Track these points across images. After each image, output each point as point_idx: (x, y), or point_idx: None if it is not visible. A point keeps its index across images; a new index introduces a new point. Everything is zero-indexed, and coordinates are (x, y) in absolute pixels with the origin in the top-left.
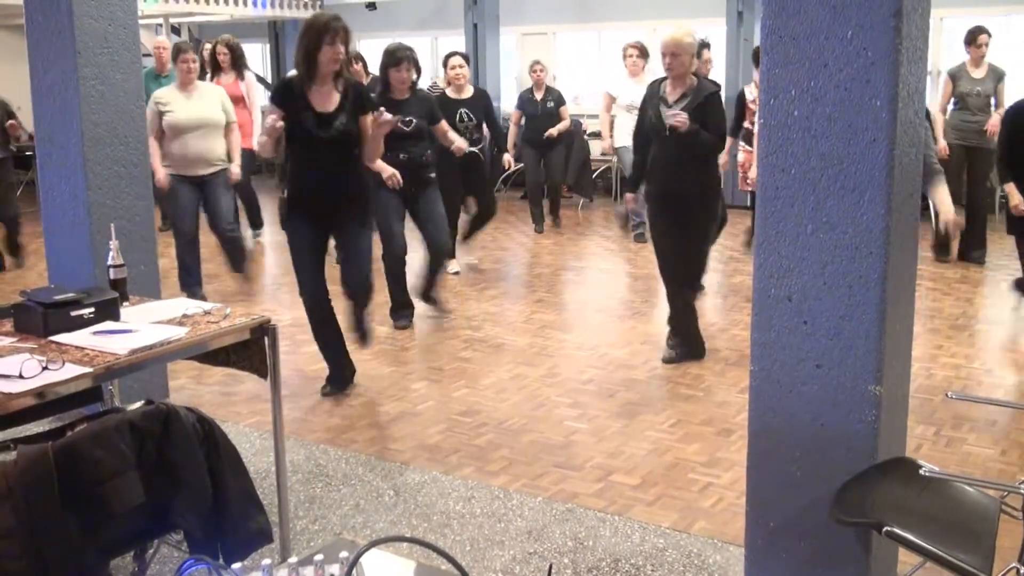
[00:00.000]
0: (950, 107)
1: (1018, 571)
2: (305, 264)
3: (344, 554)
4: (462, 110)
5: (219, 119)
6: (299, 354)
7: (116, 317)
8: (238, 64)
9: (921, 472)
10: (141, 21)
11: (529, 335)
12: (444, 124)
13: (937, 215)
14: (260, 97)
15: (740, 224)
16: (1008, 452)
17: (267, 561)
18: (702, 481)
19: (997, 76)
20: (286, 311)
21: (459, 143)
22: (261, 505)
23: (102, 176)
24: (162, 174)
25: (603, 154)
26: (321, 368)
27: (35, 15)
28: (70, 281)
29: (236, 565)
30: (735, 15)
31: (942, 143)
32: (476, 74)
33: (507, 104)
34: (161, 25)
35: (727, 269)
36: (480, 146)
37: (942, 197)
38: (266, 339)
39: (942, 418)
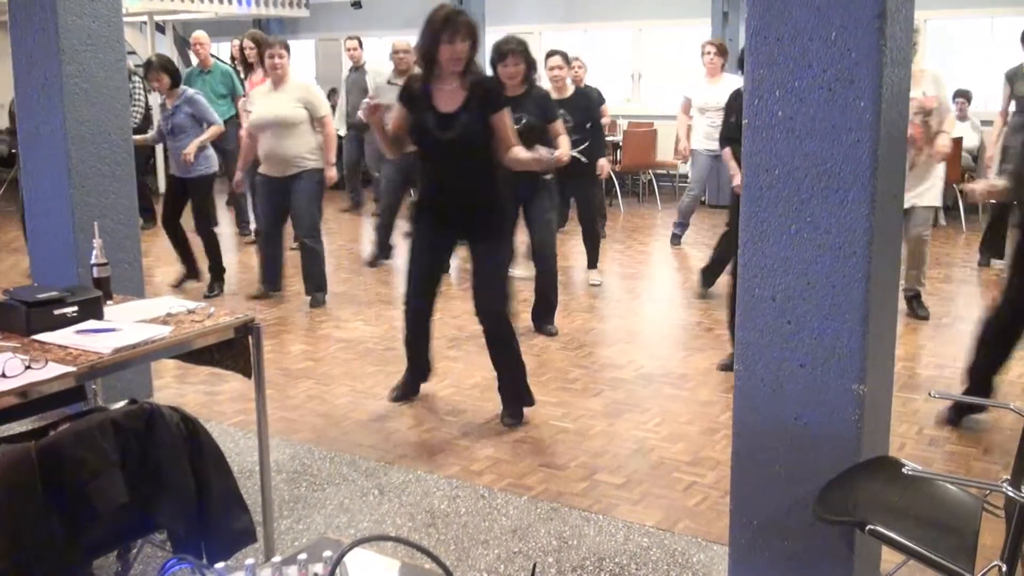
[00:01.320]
0: (1011, 109)
1: (1000, 569)
2: (412, 272)
3: (328, 553)
4: (560, 111)
5: (291, 117)
6: (284, 353)
7: (100, 316)
8: None
9: (904, 471)
10: (125, 19)
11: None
12: (559, 124)
13: None
14: None
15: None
16: (990, 451)
17: (251, 561)
18: (686, 480)
19: None
20: (271, 310)
21: (565, 148)
22: (245, 505)
23: (85, 174)
24: (238, 176)
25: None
26: (307, 367)
27: (18, 12)
28: (53, 279)
29: (219, 564)
30: (720, 16)
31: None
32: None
33: None
34: (145, 23)
35: None
36: (581, 148)
37: None
38: (250, 338)
39: (925, 417)
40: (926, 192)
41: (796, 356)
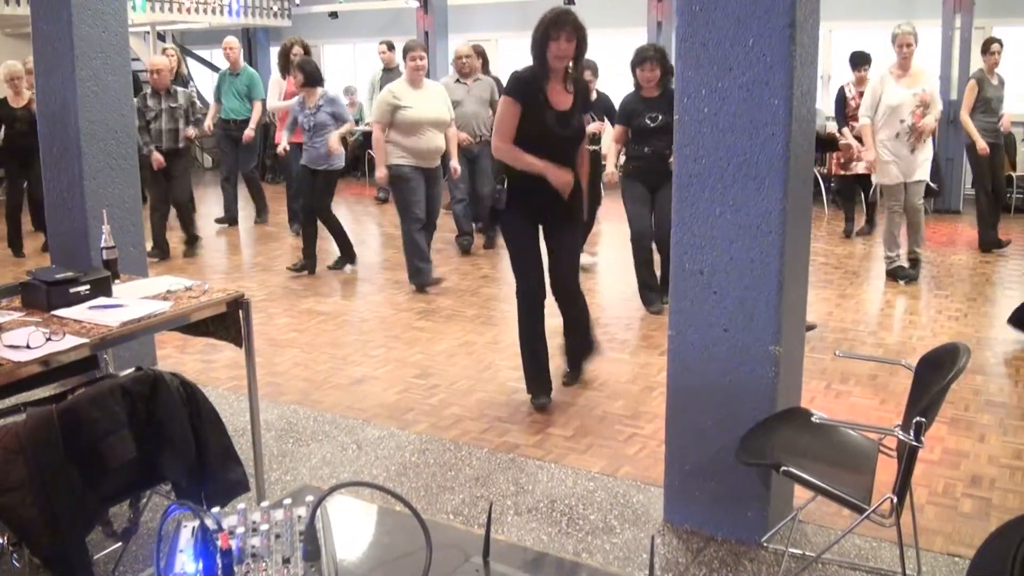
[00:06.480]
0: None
1: (892, 500)
2: (526, 261)
3: (310, 498)
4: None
5: (447, 118)
6: (271, 325)
7: (109, 293)
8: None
9: (813, 420)
10: (130, 29)
11: (476, 307)
12: None
13: None
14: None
15: None
16: (886, 401)
17: (242, 506)
18: (627, 432)
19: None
20: (260, 288)
21: None
22: (239, 459)
23: (96, 167)
24: (383, 172)
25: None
26: (292, 337)
27: (40, 24)
28: (69, 261)
29: (215, 509)
30: (655, 24)
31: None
32: (428, 78)
33: None
34: (148, 32)
35: None
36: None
37: None
38: (241, 312)
39: (832, 374)
40: (919, 169)
41: (721, 322)
